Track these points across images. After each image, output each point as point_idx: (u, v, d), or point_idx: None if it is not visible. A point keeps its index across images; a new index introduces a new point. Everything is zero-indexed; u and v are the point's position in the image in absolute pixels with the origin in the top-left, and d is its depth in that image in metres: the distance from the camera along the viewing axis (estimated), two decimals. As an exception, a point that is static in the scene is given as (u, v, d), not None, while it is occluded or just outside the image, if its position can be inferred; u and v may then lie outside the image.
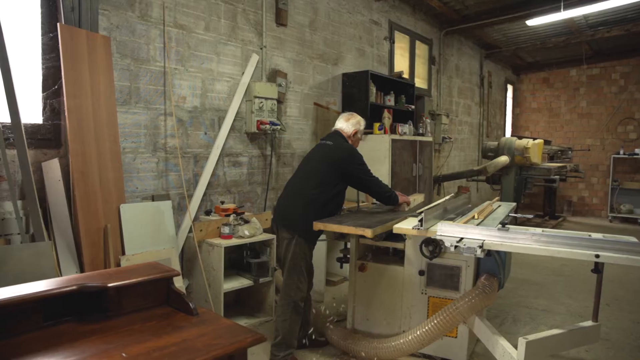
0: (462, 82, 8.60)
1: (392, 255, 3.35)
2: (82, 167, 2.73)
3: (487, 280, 2.80)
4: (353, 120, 3.28)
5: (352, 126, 3.25)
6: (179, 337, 1.43)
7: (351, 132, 3.23)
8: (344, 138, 3.22)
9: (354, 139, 3.27)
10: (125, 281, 1.60)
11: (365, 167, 3.15)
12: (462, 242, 2.32)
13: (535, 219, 9.21)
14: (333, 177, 2.99)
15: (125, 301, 1.63)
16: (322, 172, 2.99)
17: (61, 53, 2.67)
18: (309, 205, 2.92)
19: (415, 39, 7.03)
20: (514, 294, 4.59)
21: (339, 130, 3.25)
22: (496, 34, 8.42)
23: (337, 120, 3.33)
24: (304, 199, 2.94)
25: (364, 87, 5.32)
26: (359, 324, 3.35)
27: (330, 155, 3.07)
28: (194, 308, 1.62)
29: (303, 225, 2.89)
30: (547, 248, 2.15)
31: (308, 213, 2.90)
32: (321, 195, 2.94)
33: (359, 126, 3.28)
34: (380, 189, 3.23)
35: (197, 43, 3.77)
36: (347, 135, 3.23)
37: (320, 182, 2.95)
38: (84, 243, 2.69)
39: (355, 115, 3.33)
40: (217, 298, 3.44)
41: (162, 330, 1.49)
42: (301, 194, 2.97)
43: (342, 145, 3.13)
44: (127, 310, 1.63)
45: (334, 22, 5.35)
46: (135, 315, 1.60)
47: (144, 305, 1.67)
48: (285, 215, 2.99)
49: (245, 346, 1.39)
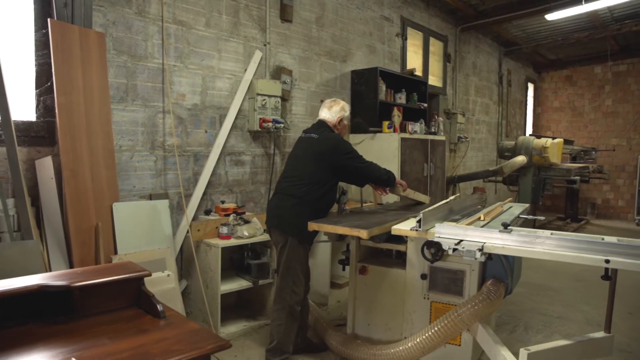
0: (479, 80, 8.35)
1: (395, 258, 3.21)
2: (73, 165, 2.68)
3: (492, 286, 2.64)
4: (336, 107, 3.07)
5: (336, 114, 3.04)
6: (138, 341, 1.35)
7: (336, 120, 3.03)
8: (329, 128, 3.02)
9: (340, 127, 3.07)
10: (90, 281, 1.51)
11: (355, 154, 2.95)
12: (461, 244, 2.18)
13: (557, 222, 8.90)
14: (322, 173, 2.84)
15: (92, 302, 1.56)
16: (310, 168, 2.84)
17: (51, 49, 2.63)
18: (300, 205, 2.79)
19: (429, 36, 6.84)
20: (527, 299, 4.38)
21: (322, 120, 3.05)
22: (515, 30, 8.16)
23: (320, 108, 3.14)
24: (293, 198, 2.82)
25: (372, 85, 5.19)
26: (359, 329, 3.22)
27: (315, 150, 2.89)
28: (162, 311, 1.54)
29: (295, 226, 2.78)
30: (552, 252, 1.98)
31: (299, 213, 2.77)
32: (311, 193, 2.81)
33: (344, 112, 3.07)
34: (379, 172, 3.03)
35: (198, 39, 3.70)
36: (332, 124, 3.03)
37: (309, 181, 2.81)
38: (73, 242, 2.64)
39: (338, 101, 3.12)
40: (214, 300, 3.35)
41: (123, 333, 1.41)
42: (291, 193, 2.85)
43: (326, 137, 2.93)
44: (94, 311, 1.55)
45: (342, 18, 5.23)
46: (100, 317, 1.52)
47: (112, 306, 1.59)
48: (276, 217, 2.88)
49: (206, 353, 1.30)
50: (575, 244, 1.98)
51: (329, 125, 3.02)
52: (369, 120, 5.21)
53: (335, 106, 3.06)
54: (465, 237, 2.23)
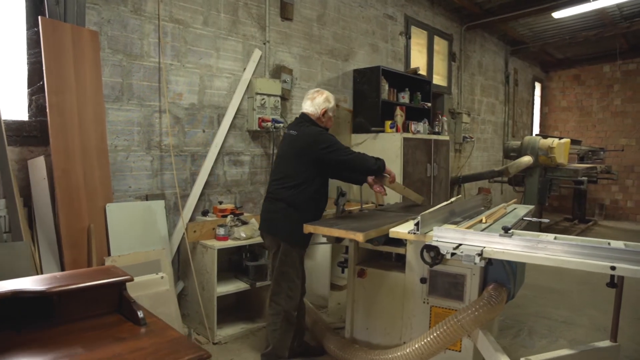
0: (485, 79, 8.24)
1: (395, 261, 3.13)
2: (65, 165, 2.64)
3: (494, 291, 2.55)
4: (319, 98, 2.85)
5: (319, 106, 2.84)
6: (113, 350, 1.29)
7: (319, 112, 2.83)
8: (312, 121, 2.84)
9: (325, 120, 2.88)
10: (67, 287, 1.46)
11: (337, 146, 2.74)
12: (459, 249, 2.10)
13: (564, 223, 8.76)
14: (306, 172, 2.72)
15: (71, 308, 1.50)
16: (292, 168, 2.73)
17: (42, 47, 2.58)
18: (288, 209, 2.71)
19: (433, 35, 6.75)
20: (532, 302, 4.28)
21: (304, 114, 2.87)
22: (522, 29, 8.03)
23: (303, 100, 2.94)
24: (282, 202, 2.74)
25: (375, 84, 5.11)
26: (357, 333, 3.15)
27: (295, 147, 2.76)
28: (142, 318, 1.48)
29: (285, 231, 2.71)
30: (555, 257, 1.90)
31: (289, 217, 2.70)
32: (298, 195, 2.71)
33: (328, 103, 2.86)
34: (367, 162, 2.84)
35: (195, 38, 3.65)
36: (316, 117, 2.84)
37: (294, 182, 2.71)
38: (64, 243, 2.60)
39: (322, 91, 2.91)
40: (210, 302, 3.30)
41: (99, 342, 1.35)
42: (278, 197, 2.77)
43: (304, 133, 2.77)
44: (73, 318, 1.49)
45: (344, 17, 5.15)
46: (79, 324, 1.47)
47: (92, 312, 1.53)
48: (267, 221, 2.81)
49: (182, 365, 1.23)
50: (579, 249, 1.89)
51: (311, 119, 2.84)
52: (371, 120, 5.13)
53: (319, 97, 2.85)
54: (464, 241, 2.15)
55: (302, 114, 2.88)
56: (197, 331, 3.42)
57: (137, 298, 2.68)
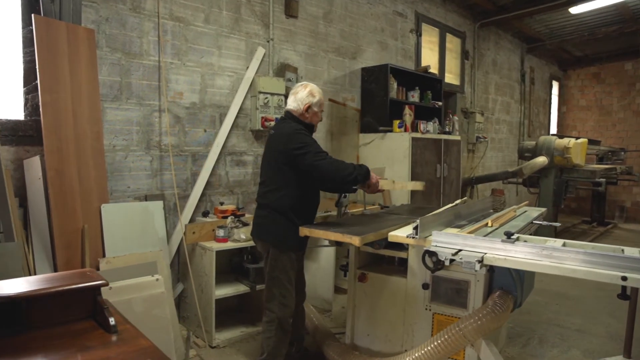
0: (500, 78, 8.03)
1: (398, 265, 3.02)
2: (58, 165, 2.60)
3: (499, 298, 2.42)
4: (302, 92, 2.63)
5: (303, 101, 2.61)
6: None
7: (302, 108, 2.61)
8: (295, 118, 2.64)
9: (310, 115, 2.64)
10: (34, 292, 1.39)
11: (310, 147, 2.47)
12: (459, 254, 1.98)
13: (582, 225, 8.50)
14: (286, 175, 2.55)
15: (41, 314, 1.43)
16: (272, 171, 2.59)
17: (36, 46, 2.55)
18: (274, 214, 2.59)
19: (445, 32, 6.59)
20: (544, 309, 4.11)
21: (287, 111, 2.69)
22: (538, 26, 7.81)
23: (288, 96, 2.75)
24: (267, 207, 2.63)
25: (383, 82, 5.00)
26: (358, 339, 3.05)
27: (272, 148, 2.62)
28: (113, 325, 1.41)
29: (273, 234, 2.61)
30: (561, 266, 1.77)
31: (276, 221, 2.58)
32: (282, 199, 2.56)
33: (312, 98, 2.62)
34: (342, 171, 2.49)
35: (196, 36, 3.59)
36: (299, 113, 2.63)
37: (275, 185, 2.59)
38: (57, 244, 2.56)
39: (307, 85, 2.68)
40: (209, 305, 3.23)
41: (63, 351, 1.28)
42: (263, 202, 2.67)
43: (281, 130, 2.60)
44: (42, 324, 1.42)
45: (352, 14, 5.05)
46: (47, 331, 1.39)
47: (64, 318, 1.46)
48: (256, 226, 2.71)
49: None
50: (588, 256, 1.76)
51: (294, 116, 2.64)
52: (379, 119, 5.02)
53: (302, 91, 2.63)
54: (464, 247, 2.04)
55: (286, 111, 2.71)
56: (196, 334, 3.37)
57: (130, 300, 2.65)
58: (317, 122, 2.73)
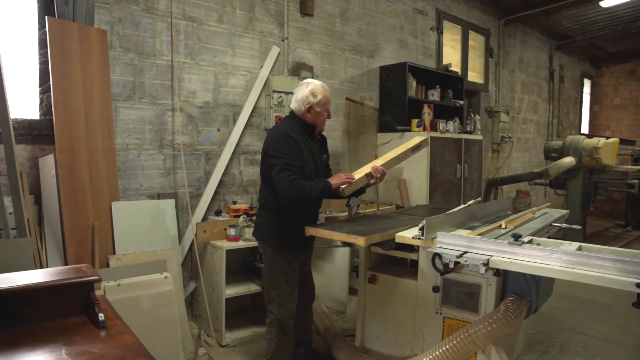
0: (526, 76, 7.79)
1: (410, 267, 2.94)
2: (69, 163, 2.65)
3: (512, 303, 2.32)
4: (303, 92, 2.50)
5: (304, 102, 2.49)
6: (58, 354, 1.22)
7: (303, 108, 2.50)
8: (297, 119, 2.54)
9: (312, 116, 2.52)
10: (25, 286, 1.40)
11: (283, 159, 2.35)
12: (464, 257, 1.90)
13: (614, 229, 8.14)
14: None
15: (35, 308, 1.44)
16: (266, 172, 2.51)
17: (49, 47, 2.61)
18: (267, 213, 2.56)
19: (468, 29, 6.44)
20: (569, 315, 3.93)
21: (292, 111, 2.60)
22: (567, 22, 7.53)
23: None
24: (264, 207, 2.60)
25: (401, 81, 4.91)
26: (368, 342, 2.99)
27: (263, 149, 2.53)
28: (102, 321, 1.40)
29: (269, 234, 2.56)
30: (570, 270, 1.67)
31: (272, 221, 2.54)
32: (273, 199, 2.49)
33: (313, 98, 2.48)
34: (297, 195, 2.33)
35: (209, 35, 3.61)
36: (300, 113, 2.52)
37: (267, 186, 2.53)
38: (67, 240, 2.60)
39: (310, 83, 2.55)
40: (219, 304, 3.23)
41: (48, 345, 1.28)
42: (261, 201, 2.63)
43: (271, 132, 2.55)
44: (36, 318, 1.43)
45: (369, 12, 4.98)
46: (39, 325, 1.40)
47: (57, 313, 1.47)
48: (255, 226, 2.69)
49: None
50: (599, 261, 1.65)
51: (296, 116, 2.55)
52: (397, 119, 4.94)
53: (303, 90, 2.51)
54: (470, 249, 1.95)
55: (290, 111, 2.63)
56: (207, 332, 3.37)
57: (138, 297, 2.67)
58: (322, 121, 2.62)
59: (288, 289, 2.57)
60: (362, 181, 2.68)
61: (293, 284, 2.60)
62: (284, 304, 2.55)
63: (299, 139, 2.49)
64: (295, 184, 2.33)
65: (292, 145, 2.43)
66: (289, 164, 2.36)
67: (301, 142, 2.50)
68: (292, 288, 2.60)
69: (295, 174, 2.35)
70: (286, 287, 2.55)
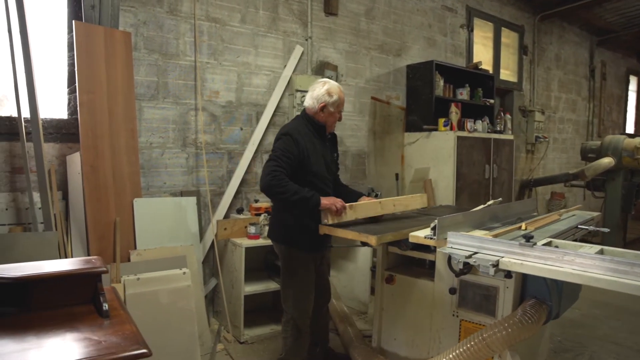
0: (564, 74, 7.48)
1: (428, 268, 2.88)
2: (93, 161, 2.75)
3: (531, 308, 2.22)
4: (319, 90, 2.48)
5: (319, 100, 2.47)
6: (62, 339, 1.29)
7: (317, 107, 2.48)
8: (308, 117, 2.51)
9: (325, 115, 2.50)
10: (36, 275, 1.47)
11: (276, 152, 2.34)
12: (473, 258, 1.84)
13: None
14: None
15: (46, 297, 1.51)
16: None
17: (75, 49, 2.72)
18: (283, 213, 2.54)
19: (500, 26, 6.25)
20: (602, 323, 3.74)
21: (304, 109, 2.57)
22: (609, 16, 7.18)
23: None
24: (277, 207, 2.60)
25: (428, 79, 4.83)
26: (385, 343, 2.95)
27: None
28: (106, 310, 1.46)
29: (281, 234, 2.56)
30: (582, 274, 1.58)
31: (284, 220, 2.53)
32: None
33: (329, 97, 2.46)
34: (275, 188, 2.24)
35: (232, 36, 3.67)
36: (313, 112, 2.50)
37: None
38: (90, 235, 2.71)
39: (326, 82, 2.53)
40: (238, 301, 3.28)
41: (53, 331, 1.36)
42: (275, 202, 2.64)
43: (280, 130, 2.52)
44: (47, 306, 1.51)
45: (396, 10, 4.92)
46: (47, 313, 1.47)
47: (67, 302, 1.54)
48: (269, 226, 2.70)
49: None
50: (615, 264, 1.56)
51: (307, 114, 2.53)
52: (424, 118, 4.86)
53: (319, 89, 2.48)
54: (480, 250, 1.89)
55: (303, 109, 2.60)
56: (227, 329, 3.42)
57: (157, 292, 2.74)
58: (333, 122, 2.59)
59: (304, 288, 2.56)
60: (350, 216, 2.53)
61: (309, 284, 2.60)
62: (299, 303, 2.55)
63: (304, 140, 2.44)
64: (277, 175, 2.25)
65: (290, 144, 2.39)
66: (279, 157, 2.31)
67: (307, 142, 2.46)
68: (308, 288, 2.59)
69: (282, 167, 2.28)
70: (301, 286, 2.55)
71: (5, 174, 2.78)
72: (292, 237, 2.52)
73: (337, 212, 2.41)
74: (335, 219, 2.42)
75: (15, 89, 2.65)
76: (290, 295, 2.56)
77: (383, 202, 2.79)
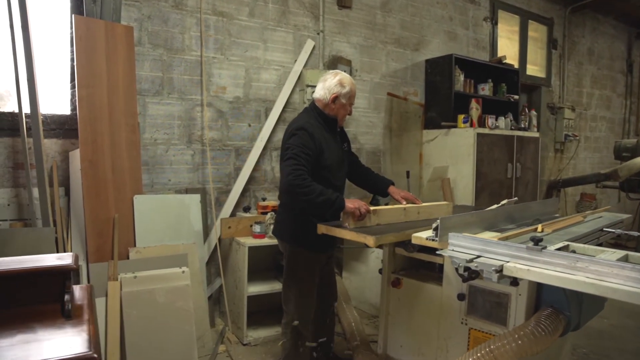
0: (597, 69, 7.08)
1: (438, 272, 2.71)
2: (92, 156, 2.71)
3: (546, 318, 2.03)
4: (331, 81, 2.38)
5: (331, 90, 2.36)
6: (14, 339, 1.20)
7: (329, 98, 2.37)
8: (318, 110, 2.40)
9: (336, 107, 2.39)
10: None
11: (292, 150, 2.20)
12: (474, 262, 1.67)
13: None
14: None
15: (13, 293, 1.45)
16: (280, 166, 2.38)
17: (74, 44, 2.69)
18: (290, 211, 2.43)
19: (527, 19, 5.95)
20: (633, 336, 3.46)
21: (313, 101, 2.45)
22: (648, 6, 6.74)
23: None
24: (283, 204, 2.49)
25: (447, 74, 4.62)
26: (391, 350, 2.79)
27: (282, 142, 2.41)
28: (67, 310, 1.39)
29: (286, 233, 2.46)
30: (595, 282, 1.40)
31: (286, 218, 2.44)
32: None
33: (341, 88, 2.36)
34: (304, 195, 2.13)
35: (240, 30, 3.58)
36: (324, 104, 2.39)
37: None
38: (89, 232, 2.66)
39: (337, 73, 2.43)
40: (241, 301, 3.18)
41: (7, 330, 1.28)
42: (282, 199, 2.52)
43: (290, 126, 2.40)
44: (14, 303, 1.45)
45: (414, 3, 4.74)
46: (9, 311, 1.41)
47: (32, 300, 1.47)
48: (274, 224, 2.60)
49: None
50: (637, 273, 1.37)
51: (317, 107, 2.42)
52: (442, 114, 4.65)
53: (330, 79, 2.38)
54: (483, 253, 1.72)
55: (312, 101, 2.48)
56: (231, 330, 3.34)
57: (154, 290, 2.67)
58: (344, 115, 2.47)
59: (307, 289, 2.46)
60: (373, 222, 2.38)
61: (312, 285, 2.49)
62: (301, 305, 2.44)
63: (317, 133, 2.34)
64: (301, 174, 2.14)
65: (307, 139, 2.27)
66: (298, 155, 2.19)
67: (320, 136, 2.36)
68: (311, 289, 2.48)
69: (303, 165, 2.18)
70: (304, 287, 2.45)
71: (7, 170, 2.78)
72: (300, 237, 2.41)
73: (361, 217, 2.26)
74: (357, 223, 2.29)
75: (17, 84, 2.63)
76: (292, 297, 2.45)
77: (408, 209, 2.63)
